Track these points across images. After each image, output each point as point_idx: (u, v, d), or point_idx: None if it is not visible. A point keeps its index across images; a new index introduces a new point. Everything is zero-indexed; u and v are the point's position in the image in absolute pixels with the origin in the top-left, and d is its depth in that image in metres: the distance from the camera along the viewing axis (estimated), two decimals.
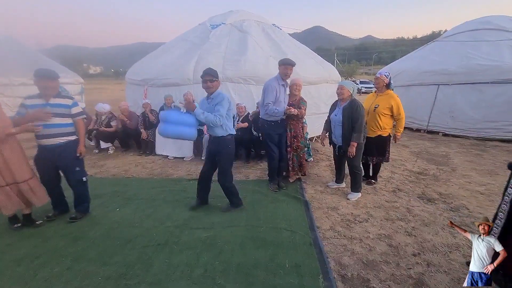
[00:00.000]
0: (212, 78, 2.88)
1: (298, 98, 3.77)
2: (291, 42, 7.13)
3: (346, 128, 3.28)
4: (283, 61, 3.54)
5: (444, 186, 3.94)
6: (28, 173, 2.67)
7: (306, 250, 2.44)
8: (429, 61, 7.78)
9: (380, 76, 3.64)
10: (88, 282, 2.06)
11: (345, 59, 76.86)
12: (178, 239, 2.62)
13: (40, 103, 2.68)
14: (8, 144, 2.49)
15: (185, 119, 2.91)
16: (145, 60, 7.04)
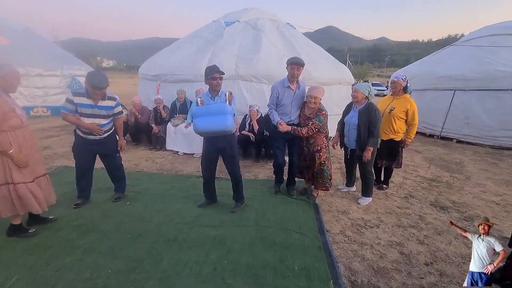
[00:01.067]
0: (221, 75, 2.83)
1: (315, 110, 3.19)
2: (305, 41, 7.06)
3: (362, 132, 3.18)
4: (290, 60, 3.17)
5: (457, 194, 3.84)
6: (44, 168, 2.70)
7: (316, 253, 2.41)
8: (445, 65, 7.59)
9: (397, 80, 3.52)
10: (98, 275, 2.08)
11: (357, 60, 75.84)
12: (187, 235, 2.63)
13: (88, 103, 2.81)
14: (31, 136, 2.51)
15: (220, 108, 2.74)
16: (158, 55, 7.09)
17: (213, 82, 2.80)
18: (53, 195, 2.72)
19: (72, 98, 2.76)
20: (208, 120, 2.71)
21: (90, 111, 2.83)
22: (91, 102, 2.81)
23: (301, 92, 3.31)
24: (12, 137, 2.29)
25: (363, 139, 3.19)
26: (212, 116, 2.71)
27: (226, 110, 2.74)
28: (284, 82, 3.25)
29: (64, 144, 5.84)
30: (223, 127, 2.72)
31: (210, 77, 2.79)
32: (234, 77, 5.41)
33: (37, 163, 2.56)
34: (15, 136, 2.31)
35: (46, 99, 9.11)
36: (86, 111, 2.81)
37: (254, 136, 4.91)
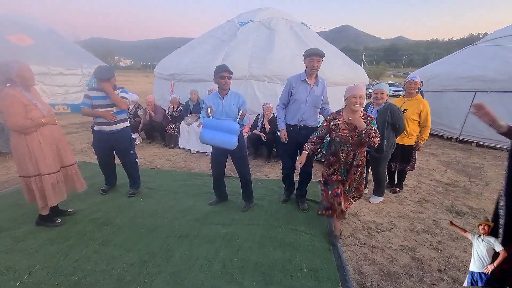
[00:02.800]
0: (230, 75, 2.85)
1: (363, 116, 2.44)
2: (319, 41, 7.00)
3: (380, 132, 3.10)
4: (308, 52, 2.85)
5: (475, 200, 3.71)
6: (73, 158, 2.85)
7: (325, 255, 2.40)
8: (467, 65, 7.30)
9: (417, 80, 3.43)
10: (113, 267, 2.17)
11: (373, 60, 74.15)
12: (198, 232, 2.68)
13: (101, 95, 3.05)
14: (57, 129, 2.65)
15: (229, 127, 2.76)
16: (173, 55, 7.23)
17: (221, 81, 2.81)
18: (80, 185, 2.90)
19: (88, 93, 3.07)
20: (215, 134, 2.75)
21: (103, 102, 3.07)
22: (104, 93, 3.05)
23: (320, 90, 2.98)
24: (39, 129, 2.45)
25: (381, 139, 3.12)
26: (220, 132, 2.74)
27: (235, 130, 2.77)
28: (300, 76, 2.97)
29: (83, 140, 6.08)
30: (226, 145, 2.75)
31: (218, 76, 2.80)
32: (247, 77, 5.44)
33: (65, 154, 2.72)
34: (40, 128, 2.46)
35: (66, 97, 9.50)
36: (100, 102, 3.06)
37: (265, 136, 4.92)
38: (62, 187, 2.67)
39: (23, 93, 2.40)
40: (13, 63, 2.34)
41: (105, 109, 3.07)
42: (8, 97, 2.31)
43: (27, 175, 2.48)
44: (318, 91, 2.97)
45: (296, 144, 3.08)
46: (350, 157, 2.48)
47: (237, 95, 2.95)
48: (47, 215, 2.71)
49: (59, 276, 2.05)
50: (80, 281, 2.02)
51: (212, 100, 2.91)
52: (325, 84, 3.07)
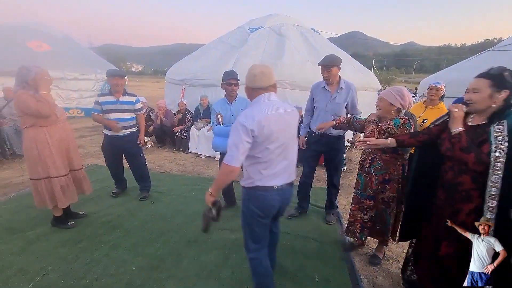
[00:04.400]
0: (237, 81, 2.85)
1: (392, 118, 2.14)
2: (329, 47, 6.99)
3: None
4: (319, 62, 2.81)
5: None
6: (81, 161, 2.90)
7: (337, 264, 2.34)
8: (481, 72, 7.13)
9: (440, 86, 3.12)
10: (123, 271, 2.17)
11: (383, 65, 73.58)
12: (207, 237, 2.66)
13: (112, 100, 3.11)
14: (68, 133, 2.70)
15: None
16: (184, 60, 7.34)
17: (228, 88, 2.86)
18: (87, 188, 2.92)
19: (98, 99, 3.12)
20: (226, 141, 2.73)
21: (114, 107, 3.12)
22: (114, 98, 3.12)
23: (343, 97, 2.78)
24: (49, 132, 2.49)
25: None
26: None
27: None
28: (321, 83, 2.89)
29: (95, 143, 6.19)
30: None
31: (225, 83, 2.86)
32: None
33: (75, 158, 2.76)
34: (51, 131, 2.51)
35: (80, 101, 9.74)
36: (110, 107, 3.11)
37: None
38: (72, 189, 2.71)
39: (34, 96, 2.46)
40: (33, 68, 2.43)
41: (114, 114, 3.12)
42: (22, 97, 2.38)
43: (37, 177, 2.52)
44: (340, 98, 2.79)
45: (315, 151, 2.98)
46: (368, 162, 2.23)
47: (245, 100, 2.93)
48: (60, 216, 2.75)
49: (70, 279, 2.06)
50: (90, 284, 2.02)
51: (220, 106, 2.94)
52: (352, 91, 2.82)
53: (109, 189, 3.62)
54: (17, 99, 2.39)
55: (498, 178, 1.38)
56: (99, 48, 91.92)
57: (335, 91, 2.80)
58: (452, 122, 1.58)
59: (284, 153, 1.63)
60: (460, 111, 1.56)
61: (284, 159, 1.64)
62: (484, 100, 1.48)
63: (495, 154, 1.38)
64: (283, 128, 1.59)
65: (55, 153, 2.52)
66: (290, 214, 3.20)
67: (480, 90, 1.48)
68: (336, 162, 2.97)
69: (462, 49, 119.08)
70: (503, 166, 1.37)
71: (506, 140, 1.38)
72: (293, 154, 1.71)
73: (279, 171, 1.62)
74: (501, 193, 1.38)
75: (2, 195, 3.51)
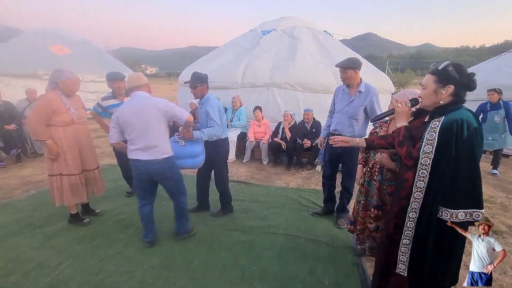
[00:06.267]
0: (195, 85, 2.80)
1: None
2: (342, 49, 6.92)
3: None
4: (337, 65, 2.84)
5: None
6: (96, 163, 2.99)
7: (348, 269, 2.30)
8: (502, 74, 6.85)
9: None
10: (136, 268, 2.22)
11: (397, 67, 72.02)
12: (217, 238, 2.69)
13: (116, 103, 3.21)
14: (83, 134, 2.80)
15: (188, 152, 2.72)
16: (197, 63, 7.44)
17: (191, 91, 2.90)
18: (101, 189, 2.99)
19: (101, 102, 3.28)
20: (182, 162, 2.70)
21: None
22: (118, 101, 3.22)
23: (360, 101, 2.74)
24: (64, 132, 2.60)
25: None
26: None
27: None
28: (343, 85, 2.89)
29: None
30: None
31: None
32: (269, 85, 5.47)
33: (89, 158, 2.85)
34: (66, 131, 2.62)
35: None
36: (115, 110, 3.07)
37: (285, 144, 4.89)
38: (81, 189, 2.79)
39: (62, 97, 2.58)
40: (66, 72, 2.59)
41: None
42: (43, 99, 2.53)
43: (51, 173, 2.67)
44: (358, 102, 2.76)
45: (333, 153, 2.94)
46: (376, 170, 2.15)
47: (208, 102, 2.85)
48: (76, 214, 2.85)
49: (85, 275, 2.13)
50: (104, 280, 2.08)
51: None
52: (372, 95, 2.73)
53: (124, 188, 3.71)
54: (38, 100, 2.54)
55: (426, 173, 1.41)
56: (115, 51, 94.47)
57: (354, 94, 2.79)
58: (397, 118, 1.62)
59: (140, 136, 2.22)
60: (403, 107, 1.59)
61: (142, 140, 2.23)
62: (430, 96, 1.46)
63: (425, 149, 1.40)
64: (137, 118, 2.20)
65: (67, 153, 2.63)
66: (315, 212, 3.26)
67: (427, 86, 1.47)
68: (349, 165, 2.92)
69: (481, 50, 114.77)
70: (430, 162, 1.39)
71: (436, 136, 1.37)
72: (151, 138, 2.24)
73: (140, 148, 2.25)
74: (427, 187, 1.42)
75: (24, 192, 3.67)
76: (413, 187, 1.46)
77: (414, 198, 1.47)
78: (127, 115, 2.23)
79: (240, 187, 4.05)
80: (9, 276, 2.09)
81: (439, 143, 1.36)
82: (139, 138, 2.24)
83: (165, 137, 2.35)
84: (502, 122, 5.01)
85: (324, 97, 5.34)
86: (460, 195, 1.36)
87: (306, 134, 4.94)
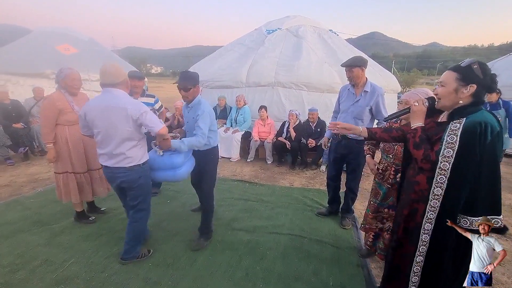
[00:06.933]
0: (188, 87, 2.28)
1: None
2: (348, 48, 6.87)
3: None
4: (342, 64, 2.78)
5: None
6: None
7: (353, 270, 2.28)
8: (511, 72, 6.74)
9: None
10: (140, 266, 2.23)
11: (403, 67, 71.16)
12: (221, 238, 2.68)
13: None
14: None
15: (166, 163, 2.24)
16: (202, 62, 7.46)
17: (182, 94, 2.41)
18: (105, 190, 3.00)
19: None
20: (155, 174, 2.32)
21: None
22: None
23: (366, 101, 2.68)
24: (69, 131, 2.64)
25: None
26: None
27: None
28: (349, 84, 2.83)
29: None
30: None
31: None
32: (274, 84, 5.45)
33: (94, 157, 2.84)
34: (72, 130, 2.64)
35: None
36: None
37: (290, 144, 4.87)
38: (87, 187, 2.83)
39: (66, 96, 2.61)
40: (65, 69, 2.61)
41: None
42: (47, 101, 2.57)
43: (56, 171, 2.71)
44: (363, 102, 2.70)
45: (337, 154, 2.91)
46: (391, 173, 2.10)
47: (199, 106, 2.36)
48: (82, 212, 2.88)
49: (90, 272, 2.15)
50: (109, 278, 2.10)
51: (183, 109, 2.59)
52: (378, 95, 2.68)
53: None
54: (44, 101, 2.59)
55: (444, 179, 1.32)
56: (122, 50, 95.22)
57: (359, 94, 2.73)
58: (412, 118, 1.50)
59: (106, 140, 2.00)
60: (421, 105, 1.47)
61: (107, 145, 2.01)
62: (449, 95, 1.34)
63: (444, 153, 1.30)
64: (102, 119, 1.96)
65: (72, 151, 2.67)
66: (320, 212, 3.24)
67: (447, 83, 1.35)
68: (353, 165, 2.89)
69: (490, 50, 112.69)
70: (450, 167, 1.29)
71: (457, 139, 1.27)
72: (116, 144, 1.99)
73: (106, 153, 2.03)
74: (445, 195, 1.32)
75: (31, 190, 3.73)
76: (430, 194, 1.37)
77: (431, 207, 1.37)
78: (93, 115, 1.97)
79: (244, 186, 4.05)
80: (16, 272, 2.13)
81: (461, 147, 1.26)
82: (104, 143, 2.01)
83: (135, 143, 2.06)
84: (503, 122, 4.92)
85: (329, 96, 5.31)
86: (481, 202, 1.28)
87: (311, 134, 4.92)
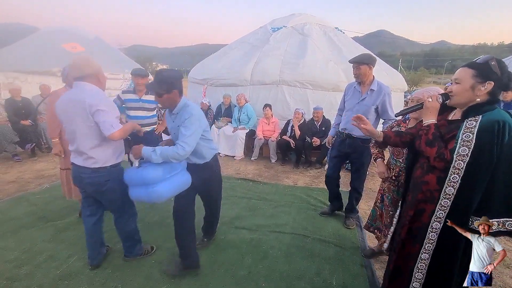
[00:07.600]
0: (158, 92, 1.83)
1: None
2: (354, 46, 6.79)
3: None
4: (350, 60, 2.72)
5: None
6: None
7: (356, 270, 2.25)
8: None
9: None
10: (144, 263, 2.25)
11: (410, 65, 70.27)
12: (224, 236, 2.68)
13: (134, 98, 3.28)
14: None
15: (136, 177, 1.83)
16: (207, 60, 7.46)
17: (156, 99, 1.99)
18: None
19: (121, 95, 3.30)
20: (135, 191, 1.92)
21: (136, 105, 3.27)
22: (137, 96, 3.26)
23: (372, 100, 2.63)
24: None
25: None
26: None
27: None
28: (354, 82, 2.78)
29: None
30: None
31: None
32: (278, 82, 5.42)
33: None
34: None
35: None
36: (133, 104, 3.27)
37: (294, 143, 4.84)
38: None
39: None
40: (67, 66, 2.60)
41: (135, 111, 3.29)
42: (53, 96, 2.62)
43: (62, 167, 2.76)
44: (369, 100, 2.65)
45: (340, 151, 2.87)
46: (403, 177, 2.03)
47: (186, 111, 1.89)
48: None
49: (94, 268, 2.16)
50: (112, 274, 2.11)
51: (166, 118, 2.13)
52: (385, 94, 2.62)
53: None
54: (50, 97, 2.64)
55: (457, 178, 1.28)
56: (127, 48, 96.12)
57: (366, 93, 2.67)
58: (425, 114, 1.44)
59: (70, 136, 1.88)
60: (434, 101, 1.40)
61: (73, 143, 1.89)
62: (465, 92, 1.29)
63: (459, 152, 1.26)
64: (65, 113, 1.83)
65: None
66: (323, 211, 3.21)
67: (462, 80, 1.30)
68: (357, 165, 2.85)
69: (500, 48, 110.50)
70: (464, 166, 1.25)
71: (474, 138, 1.23)
72: (79, 142, 1.85)
73: (74, 150, 1.91)
74: (457, 194, 1.29)
75: (37, 186, 3.78)
76: (441, 193, 1.33)
77: (441, 206, 1.34)
78: (59, 109, 1.85)
79: (247, 184, 4.05)
80: (21, 267, 2.15)
81: (477, 145, 1.22)
82: (70, 139, 1.89)
83: (98, 143, 1.84)
84: None
85: (334, 95, 5.26)
86: (495, 204, 1.25)
87: (316, 132, 4.89)
